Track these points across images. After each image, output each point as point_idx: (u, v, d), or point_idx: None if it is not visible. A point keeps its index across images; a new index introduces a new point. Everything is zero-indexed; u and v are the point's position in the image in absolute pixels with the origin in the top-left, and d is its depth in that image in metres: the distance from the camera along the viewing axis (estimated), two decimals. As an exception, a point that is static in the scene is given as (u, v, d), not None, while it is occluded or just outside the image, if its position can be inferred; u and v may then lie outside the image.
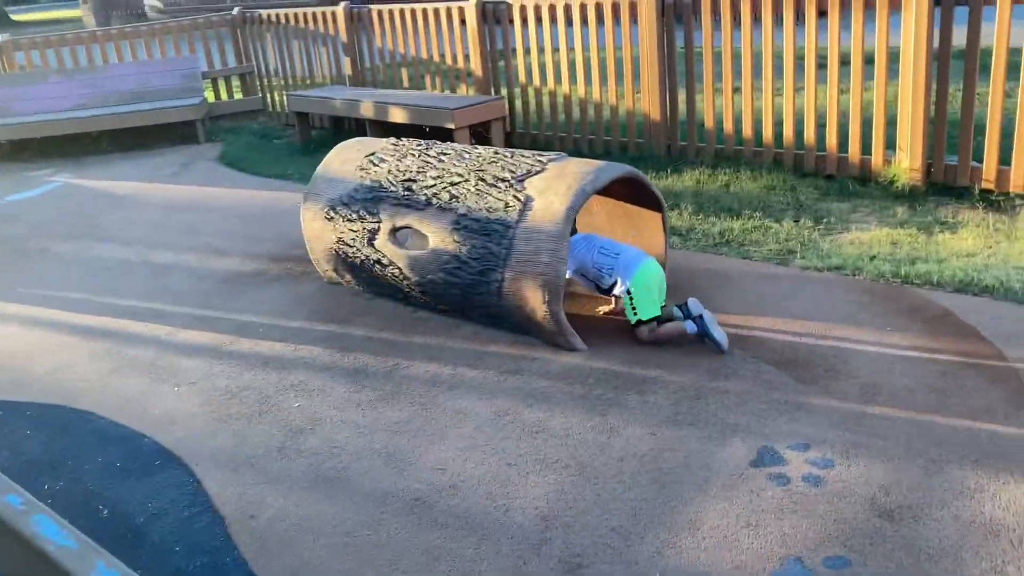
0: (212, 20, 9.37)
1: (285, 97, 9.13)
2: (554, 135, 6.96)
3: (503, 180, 3.86)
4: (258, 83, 9.53)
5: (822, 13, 5.33)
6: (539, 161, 3.90)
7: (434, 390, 3.56)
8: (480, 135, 7.00)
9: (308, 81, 8.94)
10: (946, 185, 5.13)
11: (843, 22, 5.28)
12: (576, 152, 6.79)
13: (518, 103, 7.25)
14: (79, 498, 3.06)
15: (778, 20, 5.52)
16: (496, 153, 4.10)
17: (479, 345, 3.89)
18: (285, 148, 8.24)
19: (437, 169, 4.13)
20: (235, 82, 9.78)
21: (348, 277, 4.56)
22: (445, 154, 4.24)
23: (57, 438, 3.47)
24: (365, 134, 7.96)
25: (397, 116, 7.00)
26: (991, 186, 4.94)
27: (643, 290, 3.69)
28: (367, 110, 7.26)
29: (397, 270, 4.19)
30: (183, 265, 5.30)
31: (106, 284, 5.10)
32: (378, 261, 4.26)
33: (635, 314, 3.70)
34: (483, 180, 3.92)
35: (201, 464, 3.20)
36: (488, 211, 3.81)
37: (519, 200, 3.74)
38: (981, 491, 2.63)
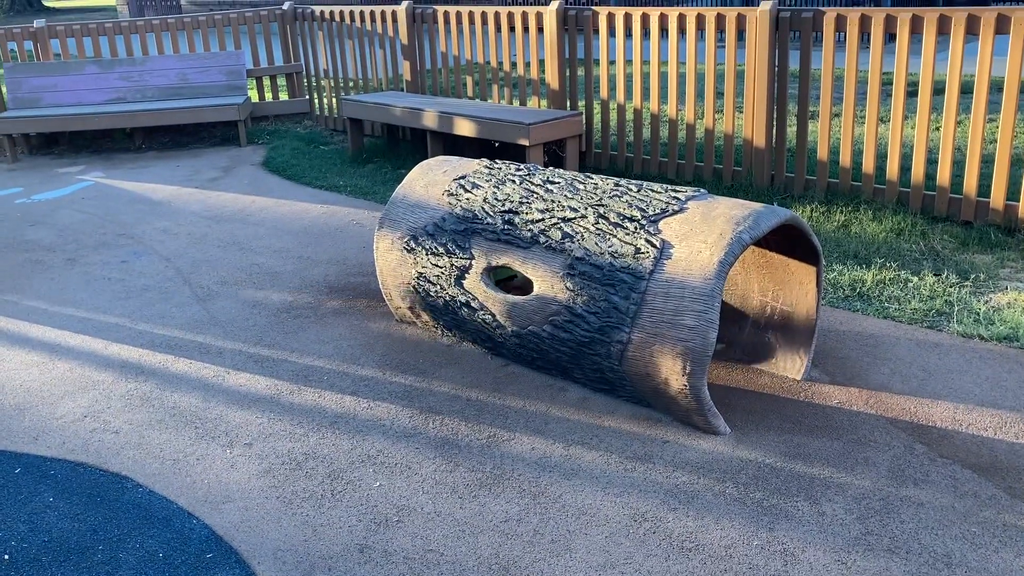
0: (260, 14, 8.77)
1: (335, 100, 8.52)
2: (635, 157, 6.30)
3: (631, 219, 3.21)
4: (305, 84, 8.93)
5: (971, 34, 4.66)
6: (675, 198, 3.24)
7: (546, 476, 2.90)
8: (554, 153, 6.36)
9: (360, 84, 8.33)
10: (1111, 241, 4.46)
11: (997, 47, 4.61)
12: (661, 179, 6.14)
13: (596, 119, 6.60)
14: (112, 603, 2.43)
15: (913, 41, 4.85)
16: (618, 185, 3.45)
17: (591, 417, 3.24)
18: (334, 156, 7.62)
19: (544, 200, 3.48)
20: (280, 81, 9.18)
21: (426, 318, 3.93)
22: (553, 183, 3.59)
23: (86, 511, 2.84)
24: (423, 145, 7.34)
25: (464, 129, 6.36)
26: None
27: None
28: (430, 120, 6.62)
29: (489, 316, 3.55)
30: (231, 289, 4.66)
31: (142, 307, 4.47)
32: (466, 304, 3.62)
33: None
34: (604, 218, 3.27)
35: (264, 563, 2.56)
36: (612, 256, 3.15)
37: (653, 246, 3.09)
38: None
